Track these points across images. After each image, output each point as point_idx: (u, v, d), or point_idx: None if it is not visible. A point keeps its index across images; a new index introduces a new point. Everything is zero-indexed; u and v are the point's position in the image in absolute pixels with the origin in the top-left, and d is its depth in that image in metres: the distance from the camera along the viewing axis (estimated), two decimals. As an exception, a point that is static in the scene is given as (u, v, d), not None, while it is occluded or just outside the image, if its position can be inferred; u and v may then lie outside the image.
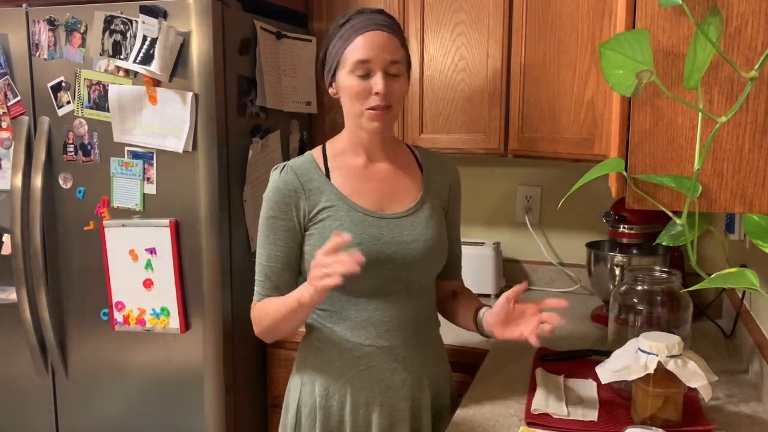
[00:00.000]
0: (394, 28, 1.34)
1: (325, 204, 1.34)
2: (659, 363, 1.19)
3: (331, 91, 1.38)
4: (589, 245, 2.04)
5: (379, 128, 1.34)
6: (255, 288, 1.40)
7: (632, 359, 1.22)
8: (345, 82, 1.32)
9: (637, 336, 1.26)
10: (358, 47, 1.29)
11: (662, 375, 1.20)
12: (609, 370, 1.24)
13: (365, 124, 1.34)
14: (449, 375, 1.53)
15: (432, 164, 1.48)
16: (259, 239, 1.38)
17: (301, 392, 1.41)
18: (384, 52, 1.30)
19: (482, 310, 1.42)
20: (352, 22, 1.32)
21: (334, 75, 1.35)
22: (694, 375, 1.18)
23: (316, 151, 1.42)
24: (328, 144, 1.43)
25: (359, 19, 1.32)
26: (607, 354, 1.48)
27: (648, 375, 1.20)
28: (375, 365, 1.36)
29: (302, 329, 1.45)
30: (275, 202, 1.35)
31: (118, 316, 1.83)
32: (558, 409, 1.32)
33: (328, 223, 1.33)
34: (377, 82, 1.29)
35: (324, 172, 1.38)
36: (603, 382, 1.25)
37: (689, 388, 1.22)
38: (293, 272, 1.39)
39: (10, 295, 1.92)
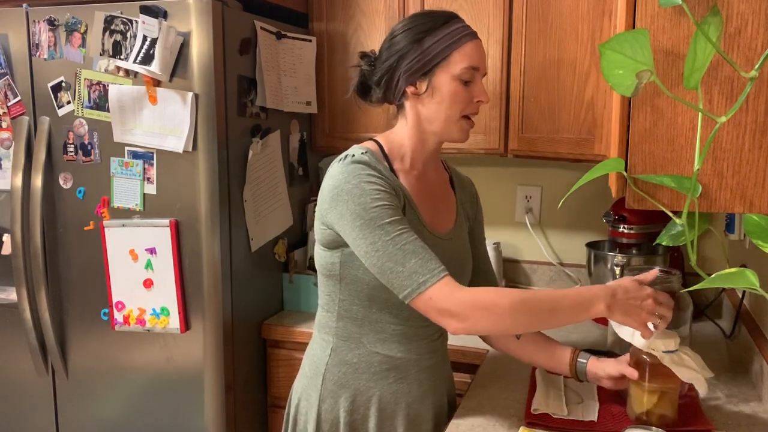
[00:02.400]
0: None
1: (405, 206, 1.26)
2: (655, 358, 1.20)
3: (410, 89, 1.27)
4: (589, 245, 2.04)
5: (466, 139, 1.31)
6: (417, 274, 1.13)
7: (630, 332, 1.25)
8: (448, 86, 1.25)
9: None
10: (471, 53, 1.25)
11: (658, 370, 1.20)
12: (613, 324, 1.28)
13: (456, 132, 1.29)
14: (452, 378, 1.52)
15: (459, 181, 1.47)
16: (380, 227, 1.15)
17: (320, 408, 1.33)
18: (485, 64, 1.30)
19: (582, 357, 1.38)
20: (457, 25, 1.26)
21: (428, 73, 1.25)
22: (690, 371, 1.18)
23: (374, 148, 1.30)
24: (383, 142, 1.32)
25: (461, 24, 1.27)
26: (607, 354, 1.48)
27: (644, 370, 1.22)
28: (404, 377, 1.33)
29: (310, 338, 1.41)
30: (379, 181, 1.20)
31: (118, 316, 1.83)
32: (558, 409, 1.32)
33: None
34: (482, 91, 1.27)
35: (390, 170, 1.28)
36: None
37: (688, 386, 1.22)
38: None
39: (10, 295, 1.92)
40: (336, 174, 1.23)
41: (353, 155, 1.25)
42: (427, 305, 1.14)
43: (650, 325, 1.17)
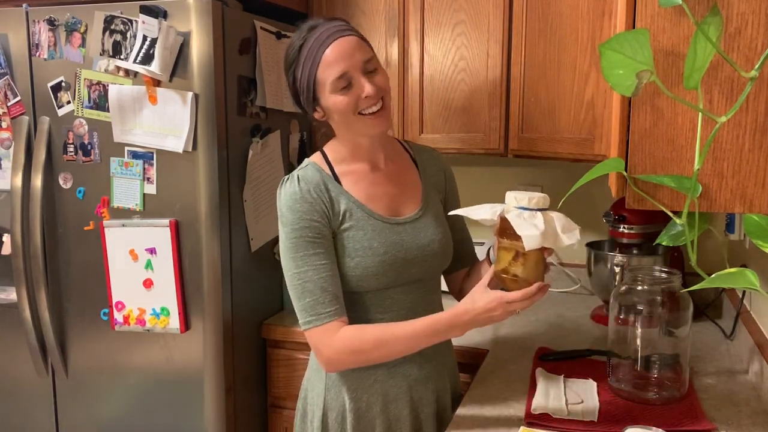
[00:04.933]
0: (350, 27, 1.31)
1: (346, 212, 1.31)
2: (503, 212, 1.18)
3: (317, 115, 1.34)
4: (589, 245, 2.04)
5: (382, 130, 1.33)
6: (306, 312, 1.26)
7: (489, 207, 1.23)
8: (331, 102, 1.28)
9: (638, 336, 1.27)
10: (330, 63, 1.25)
11: (511, 227, 1.16)
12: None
13: (367, 131, 1.32)
14: (456, 365, 1.55)
15: (424, 158, 1.48)
16: (293, 258, 1.27)
17: (325, 398, 1.38)
18: (354, 56, 1.26)
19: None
20: (310, 42, 1.27)
21: (314, 101, 1.31)
22: (529, 226, 1.13)
23: (317, 159, 1.37)
24: (327, 151, 1.38)
25: (315, 35, 1.27)
26: (607, 354, 1.48)
27: (502, 227, 1.20)
28: (403, 361, 1.36)
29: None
30: (303, 212, 1.27)
31: (118, 316, 1.83)
32: (558, 409, 1.32)
33: (352, 233, 1.30)
34: (363, 85, 1.26)
35: (334, 179, 1.34)
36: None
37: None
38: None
39: (10, 295, 1.92)
40: (278, 197, 1.32)
41: (292, 176, 1.32)
42: (309, 341, 1.29)
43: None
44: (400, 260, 1.32)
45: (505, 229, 1.20)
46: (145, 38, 1.67)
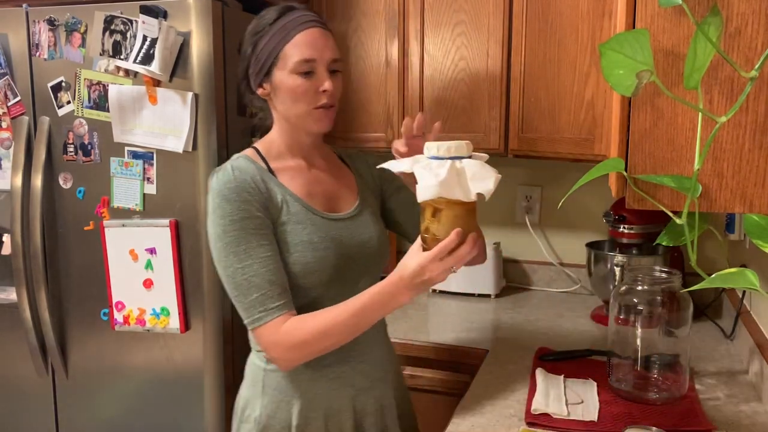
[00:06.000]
0: (327, 25, 1.31)
1: (283, 205, 1.26)
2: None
3: (260, 91, 1.30)
4: (589, 245, 2.04)
5: (326, 127, 1.30)
6: (255, 309, 1.20)
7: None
8: (286, 82, 1.24)
9: (638, 336, 1.26)
10: (301, 44, 1.23)
11: None
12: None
13: (311, 125, 1.28)
14: (400, 368, 1.50)
15: (355, 161, 1.47)
16: (234, 253, 1.19)
17: (264, 415, 1.31)
18: (326, 50, 1.26)
19: None
20: (287, 18, 1.24)
21: (268, 74, 1.27)
22: (431, 175, 1.04)
23: (250, 153, 1.32)
24: (260, 146, 1.34)
25: (294, 15, 1.25)
26: (607, 354, 1.48)
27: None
28: (344, 370, 1.32)
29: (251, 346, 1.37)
30: (241, 201, 1.20)
31: (118, 316, 1.83)
32: (558, 409, 1.32)
33: (291, 228, 1.25)
34: (324, 80, 1.25)
35: (271, 173, 1.29)
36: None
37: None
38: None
39: (10, 295, 1.92)
40: (210, 188, 1.25)
41: (224, 167, 1.26)
42: (258, 340, 1.23)
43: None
44: (340, 256, 1.28)
45: None
46: (145, 38, 1.67)
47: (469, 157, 1.09)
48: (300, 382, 1.30)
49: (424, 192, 1.04)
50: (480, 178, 1.07)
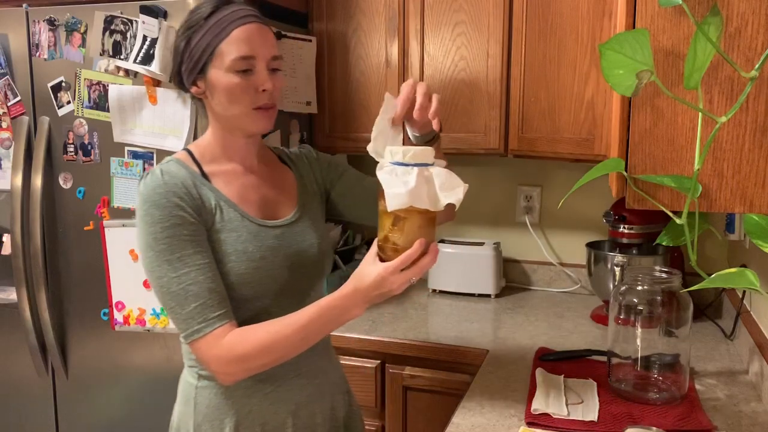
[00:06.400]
0: (266, 21, 1.21)
1: (217, 212, 1.17)
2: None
3: (194, 89, 1.19)
4: (589, 245, 2.04)
5: (266, 128, 1.21)
6: (194, 320, 1.09)
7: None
8: (222, 80, 1.15)
9: (638, 336, 1.26)
10: (238, 41, 1.14)
11: None
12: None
13: (249, 126, 1.19)
14: (347, 386, 1.41)
15: (296, 160, 1.37)
16: (168, 262, 1.10)
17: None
18: (266, 47, 1.17)
19: None
20: (223, 13, 1.15)
21: (202, 71, 1.16)
22: (398, 183, 0.99)
23: (182, 156, 1.22)
24: (194, 149, 1.23)
25: (231, 9, 1.16)
26: (607, 354, 1.48)
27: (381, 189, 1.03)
28: (281, 384, 1.23)
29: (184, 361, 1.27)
30: (172, 207, 1.11)
31: (118, 316, 1.83)
32: (558, 409, 1.32)
33: (224, 236, 1.16)
34: (265, 79, 1.16)
35: (204, 178, 1.19)
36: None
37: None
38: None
39: (10, 295, 1.92)
40: (138, 194, 1.15)
41: (153, 171, 1.16)
42: (197, 354, 1.12)
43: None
44: (278, 267, 1.19)
45: (382, 191, 1.03)
46: (145, 38, 1.67)
47: (432, 164, 1.04)
48: (234, 399, 1.20)
49: (392, 200, 0.99)
50: (449, 188, 1.02)
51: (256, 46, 1.15)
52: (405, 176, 1.00)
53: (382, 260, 1.06)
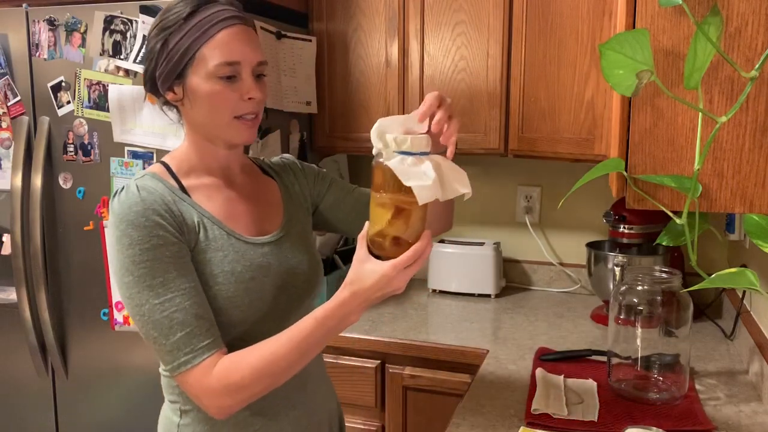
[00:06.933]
0: (251, 22, 1.10)
1: (200, 230, 1.07)
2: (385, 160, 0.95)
3: (170, 96, 1.09)
4: (589, 245, 2.04)
5: (249, 139, 1.11)
6: (180, 351, 0.99)
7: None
8: (203, 87, 1.04)
9: (638, 336, 1.26)
10: (222, 44, 1.03)
11: (395, 179, 0.93)
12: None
13: (232, 136, 1.09)
14: (338, 405, 1.34)
15: (280, 171, 1.28)
16: (149, 287, 0.99)
17: None
18: (252, 51, 1.07)
19: None
20: (205, 13, 1.04)
21: (180, 76, 1.06)
22: (419, 174, 0.93)
23: (158, 169, 1.11)
24: (170, 161, 1.13)
25: (214, 10, 1.05)
26: (607, 354, 1.48)
27: (378, 178, 0.97)
28: (273, 421, 1.13)
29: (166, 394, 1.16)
30: (152, 227, 1.00)
31: (118, 316, 1.83)
32: (558, 409, 1.32)
33: (210, 256, 1.06)
34: (251, 86, 1.06)
35: (184, 192, 1.09)
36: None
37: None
38: None
39: (10, 295, 1.92)
40: (111, 213, 1.05)
41: (127, 186, 1.06)
42: (186, 388, 1.02)
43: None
44: (268, 287, 1.10)
45: (383, 182, 0.96)
46: (145, 38, 1.67)
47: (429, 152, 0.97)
48: (233, 429, 1.10)
49: (424, 194, 0.92)
50: (456, 177, 0.97)
51: (242, 50, 1.05)
52: (417, 167, 0.93)
53: (377, 257, 0.98)
